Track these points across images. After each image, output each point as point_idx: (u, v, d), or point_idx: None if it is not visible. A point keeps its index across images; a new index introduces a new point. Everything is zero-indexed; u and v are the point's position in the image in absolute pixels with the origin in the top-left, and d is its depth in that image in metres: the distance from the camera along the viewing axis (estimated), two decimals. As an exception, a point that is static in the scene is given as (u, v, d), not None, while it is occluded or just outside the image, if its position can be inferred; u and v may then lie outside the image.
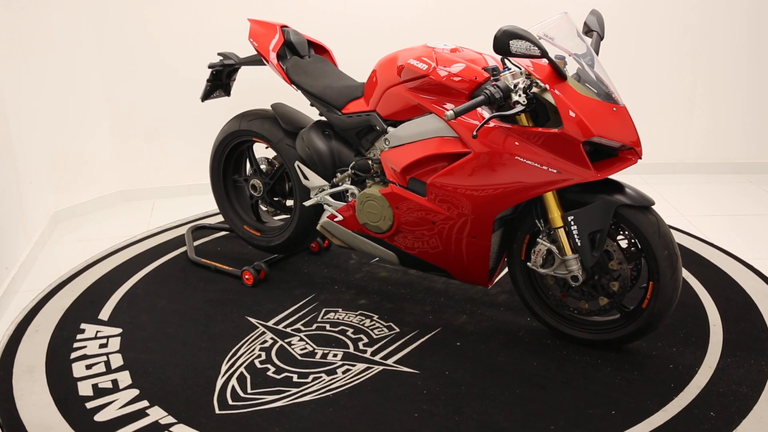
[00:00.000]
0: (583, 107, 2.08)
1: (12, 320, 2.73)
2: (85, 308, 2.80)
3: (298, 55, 2.84)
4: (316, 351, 2.47)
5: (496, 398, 2.16)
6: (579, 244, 2.23)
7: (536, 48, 2.00)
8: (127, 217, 3.92)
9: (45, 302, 2.86)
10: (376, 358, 2.42)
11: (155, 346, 2.52)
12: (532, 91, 2.16)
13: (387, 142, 2.51)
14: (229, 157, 3.16)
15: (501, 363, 2.36)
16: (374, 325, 2.64)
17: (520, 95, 2.13)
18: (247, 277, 2.97)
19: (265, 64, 2.94)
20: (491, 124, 2.22)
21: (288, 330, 2.61)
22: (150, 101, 3.99)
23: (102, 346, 2.53)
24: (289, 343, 2.52)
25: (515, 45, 1.98)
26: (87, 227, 3.79)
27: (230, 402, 2.18)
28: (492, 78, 2.31)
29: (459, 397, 2.17)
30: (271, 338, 2.56)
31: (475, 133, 2.11)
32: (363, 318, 2.69)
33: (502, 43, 1.99)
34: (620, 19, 4.02)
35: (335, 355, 2.44)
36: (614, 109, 2.13)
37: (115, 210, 4.06)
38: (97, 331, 2.63)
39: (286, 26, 2.88)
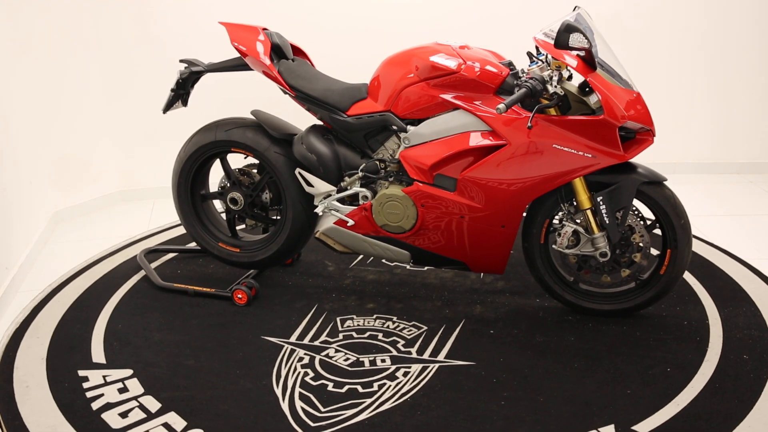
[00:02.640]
0: (615, 94, 2.26)
1: (12, 320, 2.70)
2: (68, 355, 2.47)
3: (285, 59, 2.72)
4: (361, 360, 2.40)
5: (562, 375, 2.27)
6: (607, 222, 2.41)
7: (587, 40, 2.14)
8: (127, 217, 3.92)
9: (46, 302, 2.85)
10: (425, 356, 2.41)
11: (185, 381, 2.29)
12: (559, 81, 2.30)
13: (407, 141, 2.51)
14: (197, 171, 2.94)
15: (542, 343, 2.47)
16: (398, 326, 2.62)
17: (555, 86, 2.26)
18: (239, 296, 2.79)
19: (243, 70, 2.78)
20: (516, 114, 2.33)
21: (316, 344, 2.51)
22: (150, 101, 3.80)
23: (122, 390, 2.25)
24: (328, 356, 2.43)
25: (573, 38, 2.11)
26: (87, 227, 3.79)
27: (312, 424, 2.06)
28: (511, 72, 2.42)
29: (529, 380, 2.25)
30: (305, 354, 2.44)
31: (530, 124, 2.20)
32: (383, 321, 2.66)
33: (565, 37, 2.10)
34: (622, 19, 4.05)
35: (383, 361, 2.40)
36: (634, 95, 2.33)
37: (115, 210, 4.07)
38: (104, 376, 2.33)
39: (266, 28, 2.75)
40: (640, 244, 2.48)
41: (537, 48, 2.51)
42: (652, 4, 4.12)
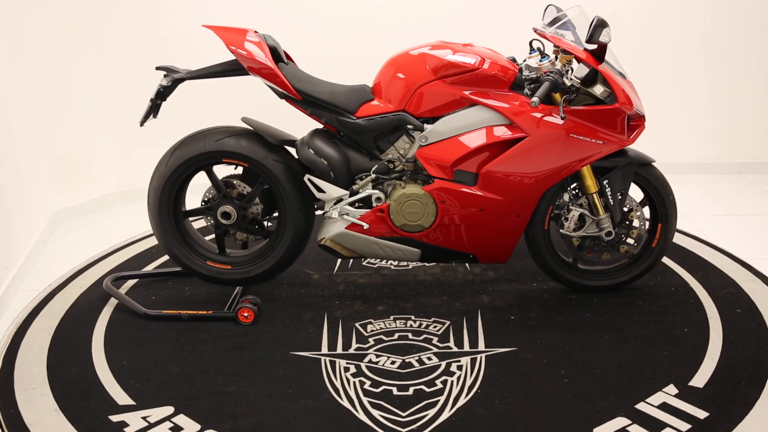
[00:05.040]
0: (622, 84, 2.46)
1: (12, 320, 2.71)
2: (84, 402, 2.18)
3: (281, 62, 2.61)
4: (407, 360, 2.39)
5: (600, 347, 2.43)
6: (612, 203, 2.61)
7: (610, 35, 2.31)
8: (127, 217, 3.93)
9: (46, 302, 2.84)
10: (466, 349, 2.45)
11: (239, 409, 2.13)
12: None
13: (423, 140, 2.53)
14: (181, 187, 2.73)
15: (564, 322, 2.61)
16: (420, 324, 2.64)
17: (571, 78, 2.42)
18: (246, 315, 2.64)
19: (230, 75, 2.62)
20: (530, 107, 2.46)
21: (352, 352, 2.45)
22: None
23: (175, 429, 2.05)
24: (371, 362, 2.39)
25: (604, 33, 2.26)
26: (87, 227, 3.80)
27: (402, 430, 2.02)
28: (519, 68, 2.54)
29: (574, 356, 2.38)
30: (348, 363, 2.38)
31: (562, 115, 2.32)
32: (403, 321, 2.66)
33: (599, 32, 2.25)
34: (622, 18, 4.01)
35: (429, 359, 2.40)
36: (630, 84, 2.55)
37: (115, 210, 4.09)
38: (144, 417, 2.10)
39: (256, 31, 2.62)
40: (637, 221, 2.71)
41: (531, 44, 2.65)
42: (652, 4, 4.14)
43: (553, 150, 2.48)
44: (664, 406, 2.08)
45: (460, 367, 2.33)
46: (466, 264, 3.11)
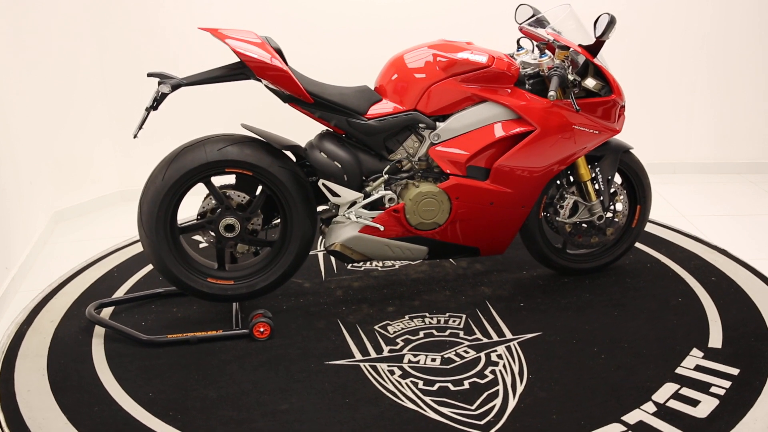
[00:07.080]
0: (614, 76, 2.64)
1: (12, 320, 2.69)
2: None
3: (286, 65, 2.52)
4: (445, 356, 2.41)
5: (614, 323, 2.59)
6: (602, 189, 2.80)
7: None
8: (127, 217, 3.91)
9: (46, 302, 2.84)
10: (495, 338, 2.52)
11: (304, 426, 2.04)
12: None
13: (436, 138, 2.56)
14: (178, 201, 2.55)
15: (571, 303, 2.75)
16: (438, 320, 2.67)
17: (572, 73, 2.57)
18: (262, 330, 2.53)
19: (229, 80, 2.49)
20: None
21: (386, 354, 2.43)
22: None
23: (249, 455, 1.92)
24: (410, 361, 2.38)
25: (614, 30, 2.41)
26: (87, 227, 3.80)
27: (480, 422, 2.04)
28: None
29: (597, 333, 2.51)
30: (391, 367, 2.36)
31: (577, 108, 2.45)
32: (420, 319, 2.67)
33: (610, 28, 2.39)
34: (624, 18, 3.95)
35: (467, 352, 2.44)
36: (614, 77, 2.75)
37: (115, 210, 4.08)
38: (208, 448, 1.96)
39: (255, 33, 2.50)
40: (620, 204, 2.91)
41: (518, 41, 2.77)
42: (653, 4, 4.15)
43: (559, 141, 2.61)
44: (700, 368, 2.27)
45: (499, 356, 2.39)
46: (450, 260, 3.17)
